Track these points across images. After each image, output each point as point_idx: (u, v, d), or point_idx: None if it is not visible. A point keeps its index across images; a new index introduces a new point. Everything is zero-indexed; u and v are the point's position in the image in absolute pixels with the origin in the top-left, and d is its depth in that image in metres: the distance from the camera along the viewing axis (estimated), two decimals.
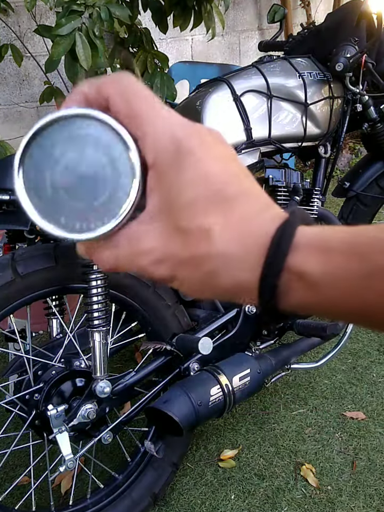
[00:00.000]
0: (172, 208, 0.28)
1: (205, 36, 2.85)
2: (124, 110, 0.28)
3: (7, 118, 2.66)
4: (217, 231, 0.27)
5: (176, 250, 0.28)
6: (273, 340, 1.52)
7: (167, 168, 0.28)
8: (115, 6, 1.70)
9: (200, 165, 0.27)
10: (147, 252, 0.29)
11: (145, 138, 0.28)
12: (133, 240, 0.29)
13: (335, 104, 1.61)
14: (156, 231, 0.28)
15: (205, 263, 0.28)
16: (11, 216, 1.17)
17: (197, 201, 0.27)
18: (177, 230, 0.28)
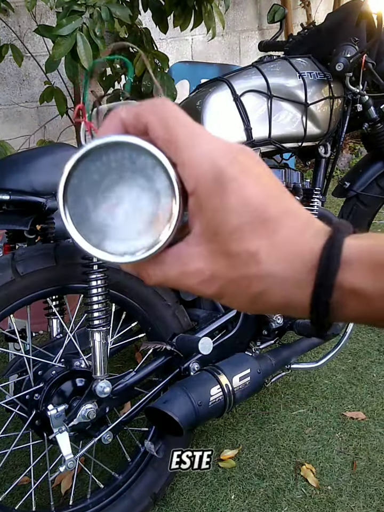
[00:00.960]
0: (217, 233, 0.29)
1: (205, 35, 2.85)
2: (163, 136, 0.29)
3: (7, 118, 2.66)
4: (264, 253, 0.28)
5: (224, 272, 0.29)
6: (273, 339, 1.52)
7: (209, 195, 0.28)
8: (115, 6, 1.70)
9: (242, 191, 0.28)
10: (195, 273, 0.30)
11: (184, 165, 0.28)
12: (181, 260, 0.30)
13: (335, 104, 1.61)
14: (203, 253, 0.29)
15: (255, 284, 0.29)
16: (11, 216, 1.17)
17: (242, 227, 0.28)
18: (225, 253, 0.29)
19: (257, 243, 0.28)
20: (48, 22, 2.50)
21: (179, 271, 0.30)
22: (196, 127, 0.29)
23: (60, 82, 2.40)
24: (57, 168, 1.17)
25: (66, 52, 1.65)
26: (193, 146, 0.28)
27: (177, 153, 0.28)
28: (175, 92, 2.12)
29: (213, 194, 0.28)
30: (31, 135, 2.63)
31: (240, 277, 0.29)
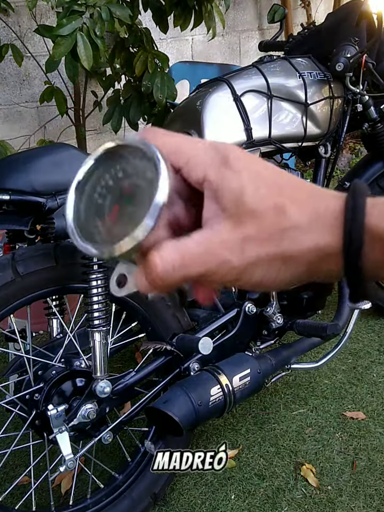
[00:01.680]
0: (239, 200, 0.30)
1: (205, 35, 2.85)
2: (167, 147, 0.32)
3: (7, 118, 2.66)
4: (289, 205, 0.30)
5: (256, 231, 0.30)
6: (273, 339, 1.52)
7: (220, 173, 0.31)
8: (116, 6, 1.70)
9: (250, 168, 0.31)
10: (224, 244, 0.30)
11: (190, 161, 0.31)
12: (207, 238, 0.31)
13: (335, 104, 1.61)
14: (229, 226, 0.30)
15: (286, 235, 0.30)
16: (11, 216, 1.17)
17: (260, 190, 0.30)
18: (253, 215, 0.30)
19: (281, 199, 0.30)
20: (48, 22, 2.50)
21: (204, 246, 0.30)
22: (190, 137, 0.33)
23: (60, 82, 2.40)
24: (57, 168, 1.17)
25: (66, 52, 1.64)
26: (195, 147, 0.32)
27: (181, 156, 0.31)
28: (175, 92, 2.12)
29: (224, 170, 0.30)
30: (31, 135, 2.63)
31: (271, 231, 0.30)
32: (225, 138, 1.41)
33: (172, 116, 1.62)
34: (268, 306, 1.45)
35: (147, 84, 2.07)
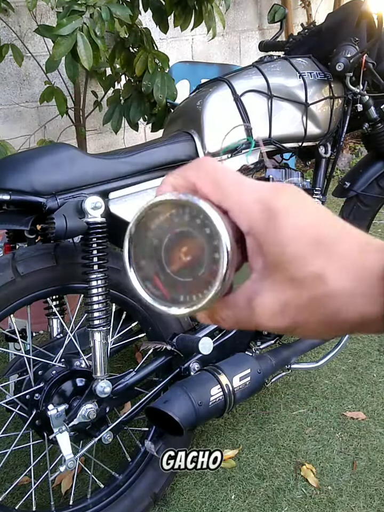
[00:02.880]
0: (279, 264, 0.30)
1: (206, 35, 2.86)
2: (211, 190, 0.31)
3: (7, 118, 2.66)
4: (329, 272, 0.29)
5: (293, 299, 0.30)
6: (273, 339, 1.52)
7: (263, 231, 0.30)
8: (116, 6, 1.70)
9: (292, 221, 0.30)
10: (264, 308, 0.31)
11: (235, 210, 0.31)
12: (249, 299, 0.31)
13: (336, 104, 1.61)
14: (268, 287, 0.30)
15: (326, 304, 0.29)
16: (11, 216, 1.17)
17: (301, 252, 0.29)
18: (291, 280, 0.30)
19: (320, 264, 0.29)
20: (49, 22, 2.50)
21: (248, 310, 0.31)
22: (237, 175, 0.32)
23: (60, 82, 2.40)
24: (57, 168, 1.17)
25: (66, 52, 1.64)
26: (240, 192, 0.31)
27: (226, 200, 0.31)
28: (175, 92, 2.12)
29: (266, 229, 0.30)
30: (31, 135, 2.63)
31: (311, 300, 0.30)
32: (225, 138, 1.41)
33: (172, 115, 1.62)
34: None
35: (147, 84, 2.07)
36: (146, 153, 1.30)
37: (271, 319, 0.31)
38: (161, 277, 0.31)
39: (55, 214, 1.11)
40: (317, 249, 0.29)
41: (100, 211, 1.14)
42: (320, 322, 0.30)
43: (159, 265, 0.31)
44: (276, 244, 0.30)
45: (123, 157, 1.27)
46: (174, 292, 0.31)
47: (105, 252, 1.17)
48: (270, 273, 0.30)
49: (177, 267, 0.31)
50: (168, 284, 0.31)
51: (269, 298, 0.30)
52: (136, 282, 0.32)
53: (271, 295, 0.30)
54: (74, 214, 1.13)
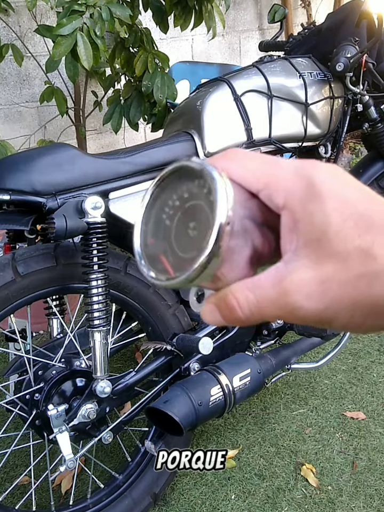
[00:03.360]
0: (321, 238, 0.27)
1: (206, 35, 2.86)
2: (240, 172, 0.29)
3: (7, 118, 2.66)
4: (378, 248, 0.26)
5: (337, 274, 0.27)
6: (273, 339, 1.52)
7: (303, 202, 0.28)
8: (116, 6, 1.70)
9: (337, 192, 0.27)
10: (300, 285, 0.27)
11: (269, 184, 0.29)
12: (281, 277, 0.28)
13: (336, 104, 1.61)
14: (306, 264, 0.27)
15: (374, 282, 0.26)
16: (11, 216, 1.17)
17: (347, 224, 0.27)
18: (334, 255, 0.27)
19: (368, 238, 0.26)
20: (49, 22, 2.50)
21: (277, 289, 0.28)
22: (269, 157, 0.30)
23: (60, 82, 2.40)
24: (57, 168, 1.17)
25: (66, 52, 1.64)
26: (275, 167, 0.29)
27: (259, 178, 0.29)
28: (175, 92, 2.12)
29: (308, 200, 0.27)
30: (32, 135, 2.63)
31: (357, 277, 0.26)
32: (226, 138, 1.41)
33: (172, 115, 1.62)
34: None
35: (147, 84, 2.07)
36: (146, 153, 1.30)
37: (308, 297, 0.27)
38: (169, 257, 0.30)
39: (55, 214, 1.11)
40: (365, 223, 0.27)
41: (100, 211, 1.14)
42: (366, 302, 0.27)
43: (168, 245, 0.30)
44: (318, 214, 0.27)
45: (123, 157, 1.27)
46: (179, 271, 0.29)
47: (105, 252, 1.17)
48: (307, 252, 0.27)
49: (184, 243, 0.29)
50: (175, 264, 0.29)
51: (307, 274, 0.27)
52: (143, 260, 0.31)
53: (308, 271, 0.27)
54: (74, 214, 1.13)
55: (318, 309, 0.27)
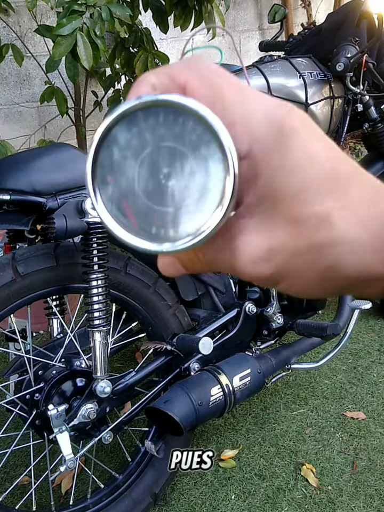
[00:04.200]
0: (278, 197, 0.24)
1: (206, 35, 2.85)
2: (206, 95, 0.24)
3: (7, 118, 2.66)
4: (337, 215, 0.24)
5: (287, 242, 0.24)
6: (273, 339, 1.52)
7: (267, 152, 0.24)
8: (116, 6, 1.70)
9: (306, 145, 0.24)
10: (246, 248, 0.25)
11: (235, 123, 0.24)
12: (232, 237, 0.25)
13: (336, 104, 1.61)
14: (257, 224, 0.25)
15: (328, 251, 0.24)
16: (12, 216, 1.17)
17: (309, 185, 0.24)
18: (288, 219, 0.24)
19: (329, 205, 0.24)
20: (49, 22, 2.50)
21: (227, 250, 0.25)
22: (240, 82, 0.25)
23: (61, 82, 2.41)
24: (57, 168, 1.17)
25: (66, 52, 1.64)
26: (244, 101, 0.24)
27: (225, 111, 0.24)
28: None
29: (273, 149, 0.24)
30: (32, 135, 2.63)
31: (309, 247, 0.24)
32: None
33: None
34: (268, 306, 1.45)
35: None
36: None
37: (252, 264, 0.25)
38: (130, 201, 0.24)
39: (55, 214, 1.11)
40: (327, 185, 0.24)
41: None
42: (314, 274, 0.25)
43: (130, 186, 0.24)
44: (280, 169, 0.24)
45: None
46: (144, 222, 0.24)
47: (105, 252, 1.17)
48: (262, 210, 0.25)
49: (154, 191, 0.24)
50: (138, 211, 0.24)
51: (255, 239, 0.25)
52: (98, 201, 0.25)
53: (258, 235, 0.25)
54: (74, 214, 1.13)
55: (262, 276, 0.26)
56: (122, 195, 0.24)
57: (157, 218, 0.24)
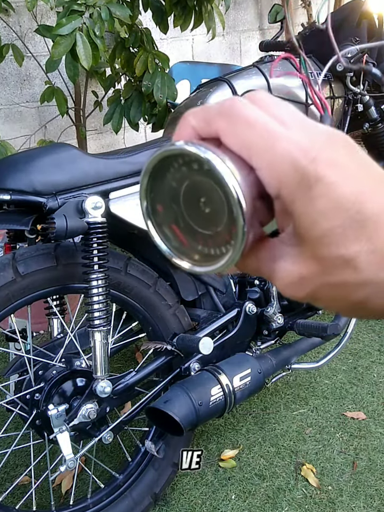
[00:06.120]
0: (306, 238, 0.26)
1: (206, 35, 2.85)
2: (235, 142, 0.27)
3: (8, 118, 2.66)
4: (363, 259, 0.25)
5: (315, 276, 0.27)
6: (273, 339, 1.52)
7: (293, 199, 0.26)
8: (115, 6, 1.70)
9: (330, 191, 0.25)
10: (283, 273, 0.28)
11: (263, 170, 0.26)
12: (272, 257, 0.29)
13: (336, 104, 1.61)
14: (292, 254, 0.27)
15: (354, 292, 0.26)
16: (12, 216, 1.17)
17: (334, 230, 0.25)
18: (315, 257, 0.26)
19: (354, 248, 0.25)
20: (49, 22, 2.50)
21: (270, 268, 0.29)
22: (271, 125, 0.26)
23: (61, 82, 2.41)
24: (58, 168, 1.17)
25: (65, 52, 1.64)
26: (271, 149, 0.26)
27: (253, 158, 0.26)
28: (175, 92, 2.12)
29: (298, 197, 0.25)
30: (32, 135, 2.63)
31: (336, 284, 0.26)
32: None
33: (172, 116, 1.62)
34: (269, 306, 1.45)
35: (147, 84, 2.07)
36: (146, 153, 1.30)
37: (289, 286, 0.28)
38: (180, 223, 0.29)
39: (56, 214, 1.11)
40: (352, 230, 0.25)
41: (100, 211, 1.14)
42: (345, 304, 0.27)
43: (178, 211, 0.29)
44: (306, 217, 0.25)
45: (123, 157, 1.27)
46: (192, 241, 0.29)
47: (106, 252, 1.17)
48: (297, 242, 0.27)
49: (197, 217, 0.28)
50: (187, 232, 0.29)
51: (290, 267, 0.27)
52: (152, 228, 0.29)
53: (293, 265, 0.27)
54: (74, 214, 1.13)
55: (299, 296, 0.28)
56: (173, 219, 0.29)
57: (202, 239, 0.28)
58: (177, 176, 0.28)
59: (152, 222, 0.29)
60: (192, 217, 0.28)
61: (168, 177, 0.28)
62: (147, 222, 0.30)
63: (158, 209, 0.29)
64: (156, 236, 0.30)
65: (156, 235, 0.30)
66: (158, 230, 0.30)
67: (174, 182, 0.28)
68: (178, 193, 0.28)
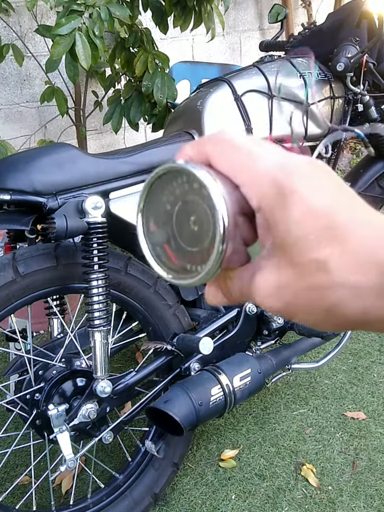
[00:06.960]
0: (283, 244, 0.28)
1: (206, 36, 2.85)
2: (223, 164, 0.30)
3: (8, 118, 2.66)
4: (334, 261, 0.27)
5: (291, 282, 0.28)
6: (274, 339, 1.52)
7: (272, 210, 0.29)
8: (115, 6, 1.70)
9: (303, 202, 0.27)
10: (261, 285, 0.30)
11: (245, 185, 0.30)
12: (253, 273, 0.31)
13: (336, 104, 1.61)
14: (270, 266, 0.30)
15: (327, 295, 0.27)
16: (12, 216, 1.17)
17: (307, 236, 0.27)
18: (291, 263, 0.28)
19: (326, 252, 0.27)
20: (49, 22, 2.50)
21: (250, 285, 0.31)
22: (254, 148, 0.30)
23: (61, 82, 2.40)
24: (58, 167, 1.17)
25: (65, 51, 1.64)
26: (252, 168, 0.29)
27: (238, 176, 0.30)
28: (175, 92, 2.12)
29: (275, 208, 0.28)
30: (32, 135, 2.63)
31: (309, 288, 0.28)
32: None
33: (172, 116, 1.62)
34: None
35: (147, 84, 2.07)
36: (146, 153, 1.30)
37: (266, 299, 0.30)
38: (171, 244, 0.31)
39: (56, 214, 1.11)
40: (324, 236, 0.27)
41: (100, 211, 1.14)
42: (319, 311, 0.28)
43: (170, 232, 0.31)
44: (282, 224, 0.28)
45: (123, 157, 1.27)
46: (182, 260, 0.31)
47: (106, 252, 1.17)
48: (275, 254, 0.29)
49: (187, 236, 0.31)
50: (177, 252, 0.31)
51: (267, 278, 0.30)
52: (146, 247, 0.32)
53: (269, 275, 0.29)
54: (74, 214, 1.13)
55: (276, 308, 0.30)
56: (164, 239, 0.31)
57: (190, 257, 0.30)
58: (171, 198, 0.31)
59: (147, 241, 0.32)
60: (183, 236, 0.31)
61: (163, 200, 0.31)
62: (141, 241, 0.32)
63: (152, 228, 0.32)
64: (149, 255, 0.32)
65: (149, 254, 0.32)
66: (152, 248, 0.32)
67: (168, 204, 0.31)
68: (171, 215, 0.31)
